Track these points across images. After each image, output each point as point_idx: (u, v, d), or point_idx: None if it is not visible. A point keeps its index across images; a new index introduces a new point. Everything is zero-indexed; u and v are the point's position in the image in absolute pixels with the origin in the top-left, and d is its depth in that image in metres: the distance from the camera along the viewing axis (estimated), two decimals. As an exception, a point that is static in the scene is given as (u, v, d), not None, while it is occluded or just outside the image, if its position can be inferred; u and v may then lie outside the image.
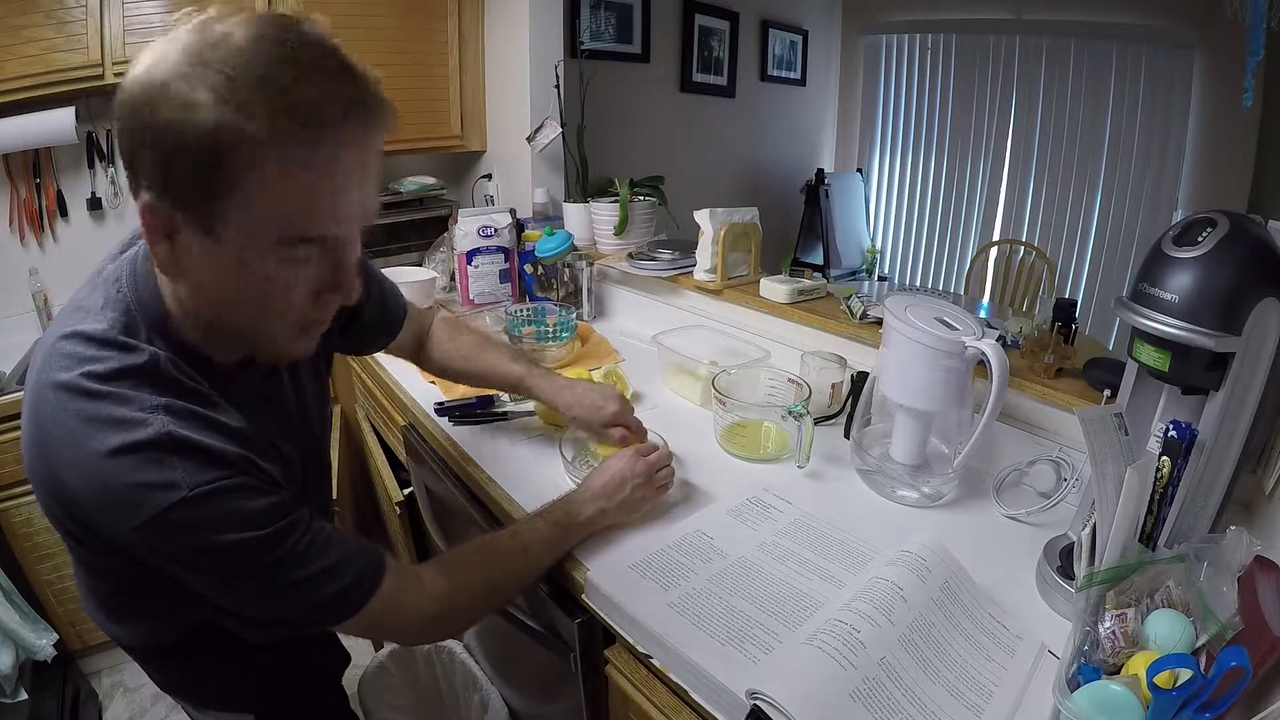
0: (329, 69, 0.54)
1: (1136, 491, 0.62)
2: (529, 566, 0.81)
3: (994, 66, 3.64)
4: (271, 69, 0.51)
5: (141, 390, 0.57)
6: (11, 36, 1.58)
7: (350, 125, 0.55)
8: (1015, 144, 3.65)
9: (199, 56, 0.51)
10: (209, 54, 0.51)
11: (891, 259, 4.31)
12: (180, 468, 0.55)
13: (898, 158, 4.17)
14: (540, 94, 2.06)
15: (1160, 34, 3.03)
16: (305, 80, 0.52)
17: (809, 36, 3.94)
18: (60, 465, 0.56)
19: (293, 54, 0.53)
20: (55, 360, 0.58)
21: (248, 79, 0.50)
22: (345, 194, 0.57)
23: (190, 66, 0.51)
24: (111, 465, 0.54)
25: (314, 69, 0.53)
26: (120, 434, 0.54)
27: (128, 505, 0.54)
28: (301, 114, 0.52)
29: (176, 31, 0.54)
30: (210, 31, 0.52)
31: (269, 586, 0.60)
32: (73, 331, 0.59)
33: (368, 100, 0.56)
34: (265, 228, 0.55)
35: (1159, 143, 3.13)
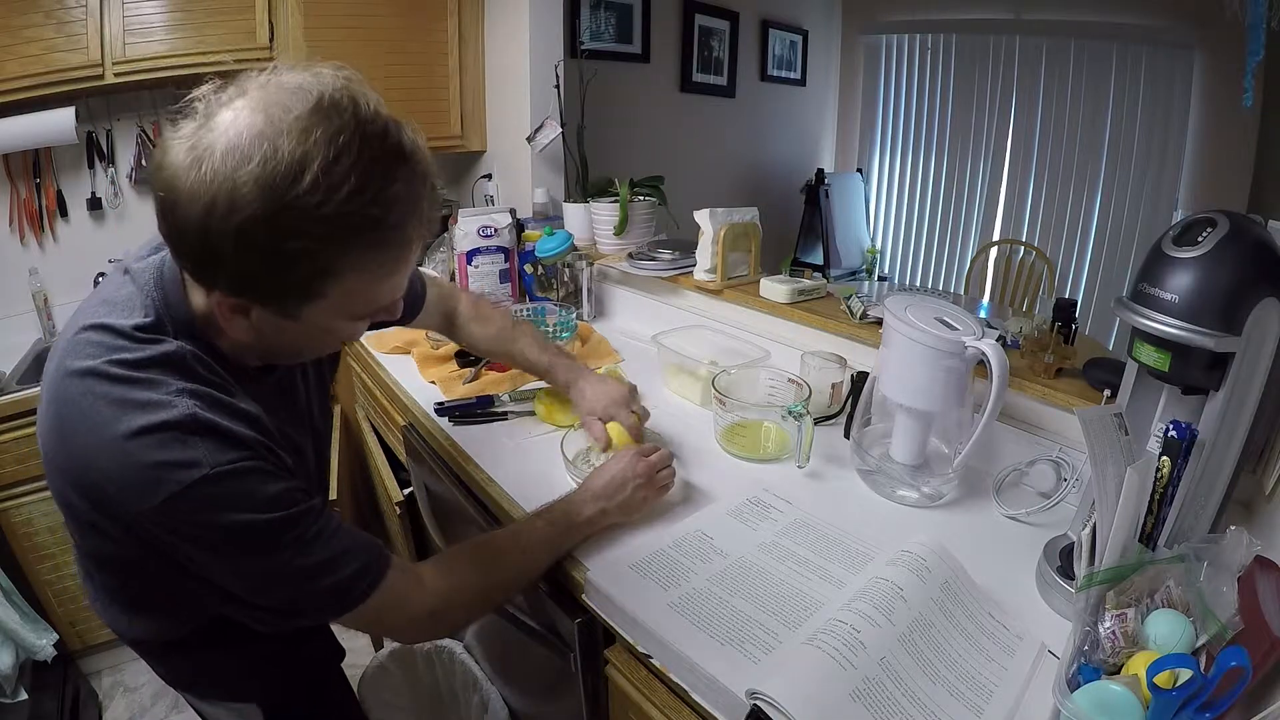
0: (392, 164, 0.55)
1: (1136, 491, 0.62)
2: (528, 566, 0.81)
3: (994, 66, 3.64)
4: (353, 194, 0.52)
5: (168, 376, 0.59)
6: (11, 36, 1.59)
7: (416, 220, 0.59)
8: (1015, 144, 3.64)
9: (279, 187, 0.50)
10: (285, 180, 0.50)
11: (891, 259, 4.31)
12: (203, 447, 0.57)
13: (898, 158, 4.17)
14: (540, 94, 2.06)
15: (1160, 34, 3.03)
16: (383, 192, 0.54)
17: (809, 36, 3.94)
18: (83, 446, 0.58)
19: (366, 162, 0.53)
20: (80, 349, 0.60)
21: (334, 214, 0.52)
22: (408, 271, 0.64)
23: (270, 197, 0.50)
24: (136, 444, 0.56)
25: (385, 172, 0.54)
26: (146, 415, 0.57)
27: (150, 482, 0.56)
28: (385, 231, 0.56)
29: (230, 116, 0.52)
30: (276, 142, 0.50)
31: (278, 570, 0.61)
32: (99, 323, 0.61)
33: (426, 184, 0.59)
34: (341, 313, 0.61)
35: (1159, 143, 3.13)
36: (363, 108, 0.55)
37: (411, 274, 1.01)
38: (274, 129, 0.51)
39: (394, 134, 0.56)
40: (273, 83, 0.54)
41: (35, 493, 1.61)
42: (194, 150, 0.51)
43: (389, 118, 0.57)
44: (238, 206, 0.50)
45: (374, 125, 0.55)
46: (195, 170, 0.51)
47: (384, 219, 0.55)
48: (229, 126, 0.51)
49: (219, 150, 0.51)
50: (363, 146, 0.53)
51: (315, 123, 0.52)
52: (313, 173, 0.50)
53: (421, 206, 0.58)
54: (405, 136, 0.57)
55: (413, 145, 0.58)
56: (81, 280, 1.94)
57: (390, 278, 0.61)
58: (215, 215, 0.51)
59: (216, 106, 0.53)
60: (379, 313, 0.65)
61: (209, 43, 1.79)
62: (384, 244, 0.57)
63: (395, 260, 0.59)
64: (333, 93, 0.54)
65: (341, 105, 0.54)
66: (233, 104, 0.53)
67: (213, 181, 0.50)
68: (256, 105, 0.52)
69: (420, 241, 0.61)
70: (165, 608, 0.74)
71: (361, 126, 0.53)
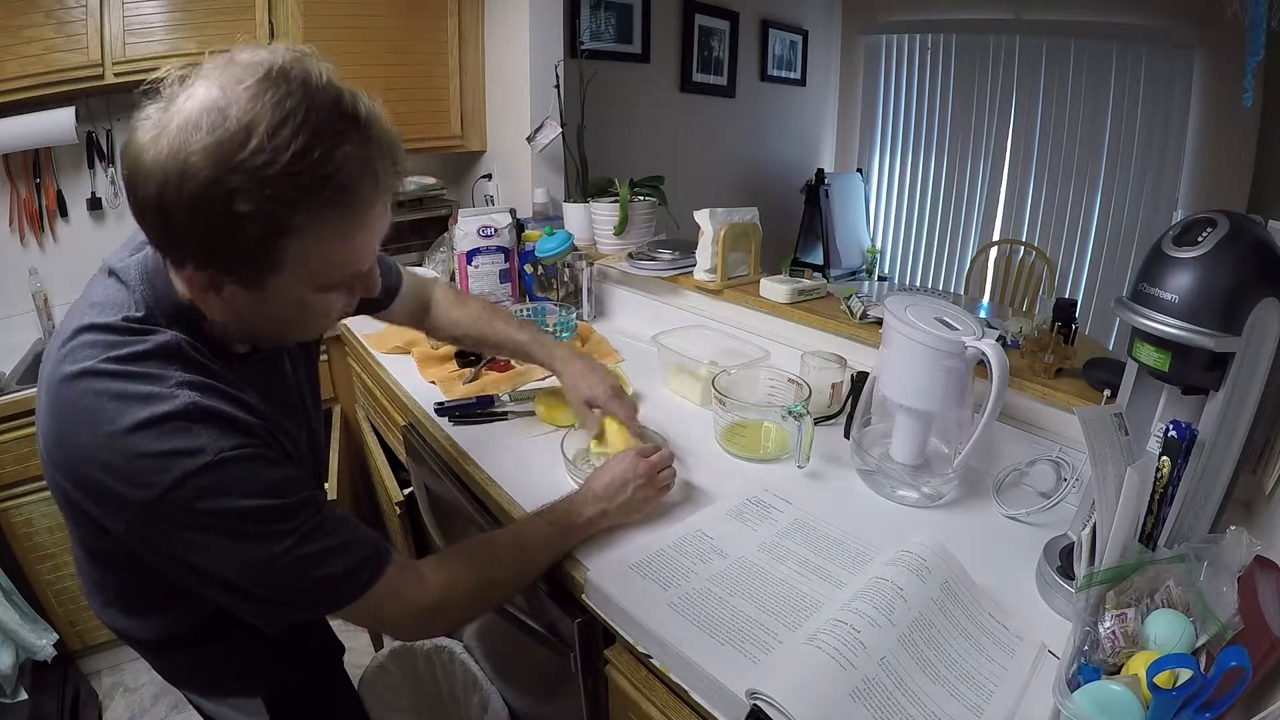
0: (342, 127, 0.56)
1: (1136, 491, 0.62)
2: (528, 566, 0.81)
3: (994, 66, 3.64)
4: (300, 154, 0.52)
5: (167, 368, 0.60)
6: (11, 36, 1.58)
7: (369, 182, 0.58)
8: (1015, 144, 3.64)
9: (225, 151, 0.51)
10: (232, 144, 0.51)
11: (891, 259, 4.31)
12: (206, 434, 0.58)
13: (898, 158, 4.17)
14: (540, 94, 2.06)
15: (1160, 34, 3.03)
16: (330, 153, 0.54)
17: (809, 36, 3.94)
18: (85, 444, 0.58)
19: (314, 124, 0.54)
20: (76, 353, 0.60)
21: (281, 173, 0.52)
22: (371, 238, 0.62)
23: (218, 161, 0.51)
24: (138, 437, 0.56)
25: (334, 134, 0.55)
26: (148, 407, 0.57)
27: (153, 470, 0.56)
28: (333, 191, 0.55)
29: (187, 95, 0.53)
30: (225, 110, 0.52)
31: (279, 558, 0.61)
32: (89, 324, 0.61)
33: (381, 148, 0.59)
34: (305, 282, 0.60)
35: (1159, 143, 3.13)
36: (313, 76, 0.56)
37: (386, 262, 1.03)
38: (224, 99, 0.52)
39: (347, 101, 0.57)
40: (231, 61, 0.55)
41: (35, 493, 1.61)
42: (154, 129, 0.53)
43: (343, 87, 0.57)
44: (189, 174, 0.51)
45: (324, 93, 0.55)
46: (153, 146, 0.52)
47: (332, 177, 0.55)
48: (185, 102, 0.53)
49: (174, 125, 0.52)
50: (310, 110, 0.54)
51: (263, 89, 0.53)
52: (259, 135, 0.51)
53: (375, 168, 0.58)
54: (361, 104, 0.58)
55: (368, 112, 0.58)
56: (82, 280, 1.88)
57: (347, 240, 0.60)
58: (169, 186, 0.52)
59: (178, 87, 0.54)
60: (349, 282, 0.64)
61: (209, 43, 1.79)
62: (335, 204, 0.56)
63: (350, 222, 0.59)
64: (283, 63, 0.55)
65: (291, 74, 0.55)
66: (192, 84, 0.54)
67: (168, 154, 0.52)
68: (212, 81, 0.54)
69: (379, 207, 0.61)
70: (164, 604, 0.75)
71: (311, 94, 0.54)
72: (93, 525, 0.63)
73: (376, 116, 0.59)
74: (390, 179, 0.61)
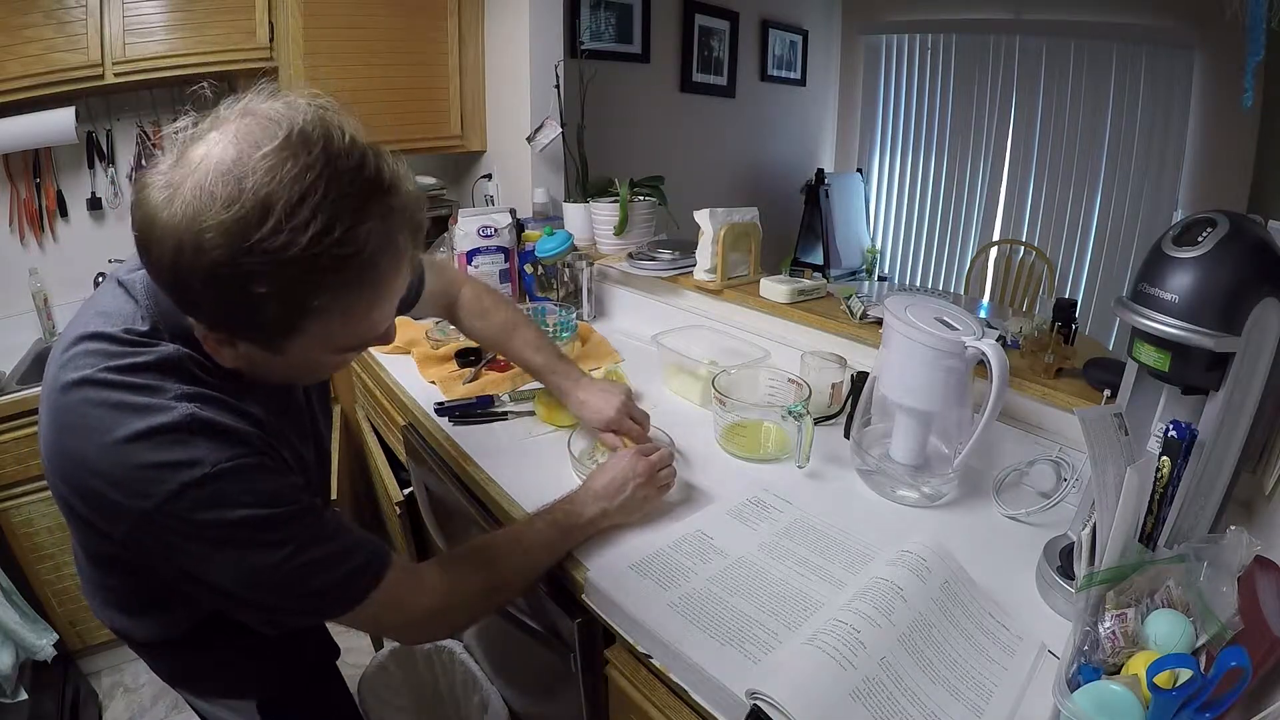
0: (365, 200, 0.53)
1: (1136, 491, 0.62)
2: (529, 566, 0.81)
3: (994, 66, 3.64)
4: (320, 234, 0.50)
5: (167, 381, 0.60)
6: (11, 36, 1.59)
7: (391, 257, 0.57)
8: (1015, 144, 3.64)
9: (241, 229, 0.49)
10: (248, 223, 0.49)
11: (891, 259, 4.31)
12: (203, 446, 0.57)
13: (898, 158, 4.17)
14: (540, 94, 2.06)
15: (1160, 34, 3.03)
16: (353, 232, 0.52)
17: (809, 36, 3.94)
18: (82, 452, 0.58)
19: (335, 199, 0.51)
20: (77, 361, 0.60)
21: (299, 256, 0.50)
22: (391, 306, 0.62)
23: (234, 240, 0.49)
24: (134, 447, 0.56)
25: (356, 209, 0.53)
26: (146, 419, 0.57)
27: (150, 482, 0.56)
28: (355, 271, 0.54)
29: (202, 150, 0.51)
30: (242, 181, 0.50)
31: (277, 566, 0.61)
32: (94, 333, 0.61)
33: (404, 217, 0.57)
34: (323, 347, 0.60)
35: (1159, 143, 3.13)
36: (335, 140, 0.53)
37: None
38: (240, 167, 0.50)
39: (370, 166, 0.54)
40: (246, 114, 0.53)
41: (35, 493, 1.61)
42: (167, 188, 0.51)
43: (366, 148, 0.55)
44: (203, 249, 0.50)
45: (346, 160, 0.53)
46: (167, 209, 0.50)
47: (354, 258, 0.53)
48: (199, 164, 0.51)
49: (188, 189, 0.50)
50: (330, 183, 0.51)
51: (282, 160, 0.50)
52: (276, 215, 0.49)
53: (396, 242, 0.56)
54: (385, 167, 0.56)
55: (392, 177, 0.56)
56: (81, 280, 1.94)
57: (370, 313, 0.59)
58: (184, 257, 0.50)
59: (190, 141, 0.52)
60: (367, 344, 0.64)
61: (209, 43, 1.79)
62: (356, 284, 0.55)
63: (372, 298, 0.58)
64: (304, 125, 0.52)
65: (311, 139, 0.52)
66: (206, 138, 0.52)
67: (180, 223, 0.50)
68: (228, 140, 0.51)
69: (401, 276, 0.60)
70: (162, 606, 0.75)
71: (332, 161, 0.52)
72: (92, 529, 0.63)
73: (400, 180, 0.57)
74: (411, 246, 0.59)
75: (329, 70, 1.95)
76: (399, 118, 2.13)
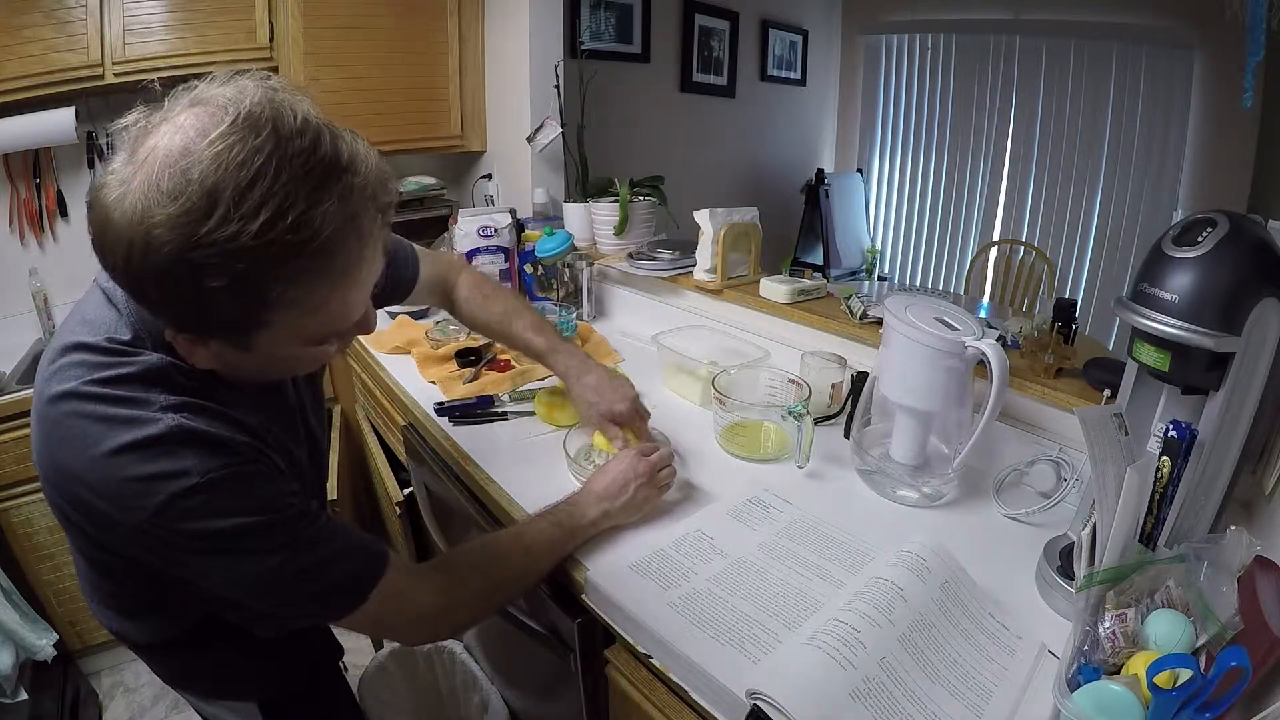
0: (320, 181, 0.51)
1: (1136, 491, 0.62)
2: (531, 568, 0.81)
3: (994, 66, 3.64)
4: (271, 221, 0.48)
5: (152, 392, 0.58)
6: (11, 36, 1.59)
7: (353, 239, 0.54)
8: (1015, 144, 3.64)
9: (189, 222, 0.47)
10: (196, 214, 0.47)
11: (891, 259, 4.31)
12: (191, 457, 0.56)
13: (898, 158, 4.17)
14: (540, 94, 2.06)
15: (1160, 34, 3.03)
16: (307, 216, 0.50)
17: (809, 36, 3.94)
18: (72, 465, 0.57)
19: (286, 182, 0.49)
20: (62, 373, 0.59)
21: (252, 245, 0.48)
22: (360, 291, 0.59)
23: (183, 235, 0.47)
24: (121, 460, 0.55)
25: (310, 191, 0.50)
26: (132, 431, 0.56)
27: (139, 494, 0.55)
28: (312, 257, 0.51)
29: (151, 143, 0.49)
30: (188, 171, 0.47)
31: (274, 573, 0.61)
32: (77, 343, 0.60)
33: (365, 195, 0.54)
34: (294, 339, 0.59)
35: (1159, 143, 3.13)
36: (285, 121, 0.50)
37: (402, 255, 1.00)
38: (187, 158, 0.48)
39: (325, 145, 0.52)
40: (196, 103, 0.51)
41: (35, 493, 1.61)
42: (120, 186, 0.49)
43: (321, 126, 0.52)
44: (152, 246, 0.48)
45: (298, 141, 0.50)
46: (118, 208, 0.48)
47: (310, 242, 0.50)
48: (148, 157, 0.49)
49: (136, 185, 0.48)
50: (280, 166, 0.49)
51: (229, 146, 0.48)
52: (224, 204, 0.47)
53: (359, 222, 0.54)
54: (343, 146, 0.53)
55: (350, 154, 0.53)
56: (81, 280, 1.90)
57: (336, 300, 0.57)
58: (134, 258, 0.49)
59: (142, 135, 0.50)
60: (342, 334, 0.62)
61: (209, 43, 1.79)
62: (316, 270, 0.53)
63: (334, 283, 0.55)
64: (250, 108, 0.50)
65: (259, 121, 0.49)
66: (156, 130, 0.50)
67: (131, 219, 0.48)
68: (175, 130, 0.49)
69: (367, 258, 0.57)
70: (161, 608, 0.74)
71: (282, 144, 0.49)
72: (87, 537, 0.63)
73: (359, 157, 0.54)
74: (378, 227, 0.57)
75: (329, 70, 1.95)
76: (399, 118, 2.13)
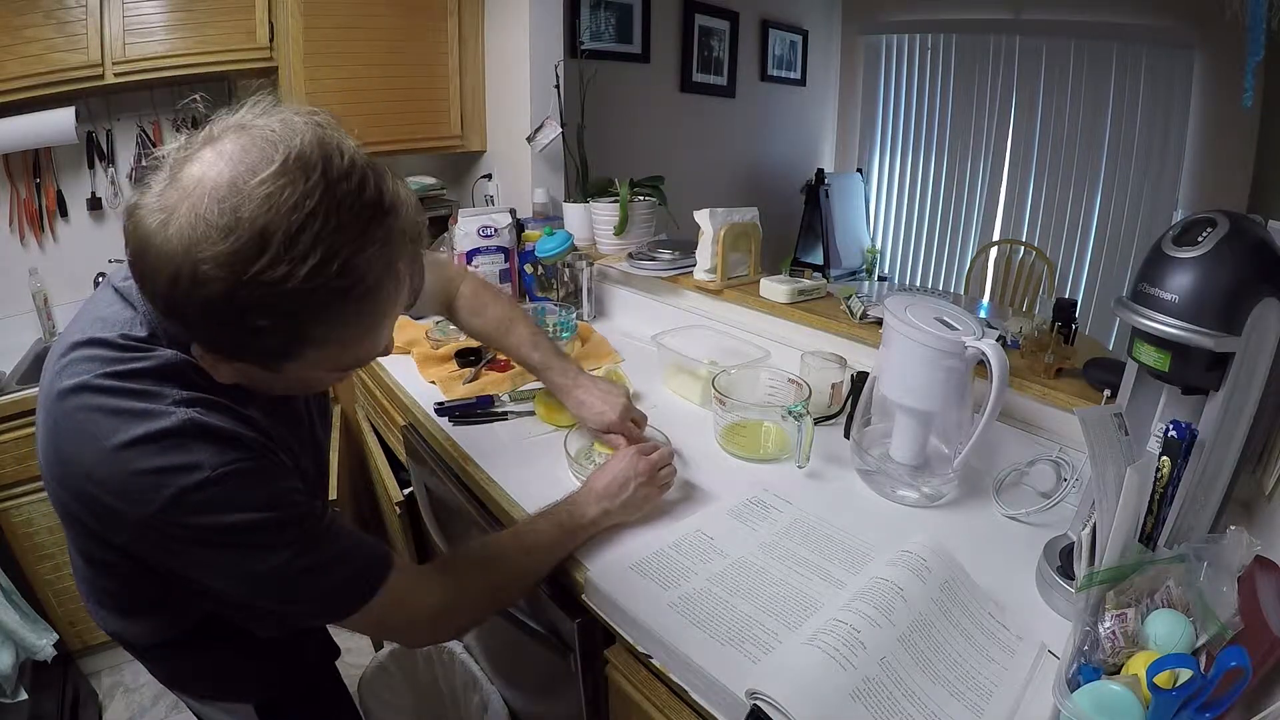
0: (365, 226, 0.52)
1: (1136, 491, 0.62)
2: (532, 568, 0.81)
3: (994, 66, 3.64)
4: (320, 265, 0.49)
5: (165, 386, 0.59)
6: (11, 36, 1.59)
7: (392, 283, 0.56)
8: (1015, 144, 3.65)
9: (239, 260, 0.48)
10: (247, 254, 0.48)
11: (891, 259, 4.31)
12: (203, 451, 0.57)
13: (898, 158, 4.17)
14: (540, 94, 2.06)
15: (1160, 34, 3.03)
16: (353, 261, 0.51)
17: (809, 36, 3.94)
18: (81, 459, 0.57)
19: (335, 227, 0.50)
20: (73, 367, 0.59)
21: (299, 288, 0.49)
22: (391, 326, 0.62)
23: (232, 272, 0.48)
24: (132, 453, 0.56)
25: (356, 236, 0.52)
26: (144, 424, 0.56)
27: (149, 488, 0.55)
28: (355, 301, 0.54)
29: (196, 170, 0.49)
30: (238, 209, 0.48)
31: (279, 571, 0.61)
32: (88, 339, 0.60)
33: (405, 240, 0.56)
34: (323, 367, 0.60)
35: (1159, 143, 3.13)
36: (334, 164, 0.51)
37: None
38: (236, 194, 0.48)
39: (370, 188, 0.53)
40: (242, 131, 0.51)
41: (35, 493, 1.61)
42: (161, 212, 0.49)
43: (366, 168, 0.53)
44: (200, 281, 0.48)
45: (346, 184, 0.51)
46: (161, 234, 0.49)
47: (354, 288, 0.53)
48: (195, 186, 0.49)
49: (183, 215, 0.48)
50: (330, 211, 0.50)
51: (280, 188, 0.49)
52: (274, 247, 0.48)
53: (397, 268, 0.56)
54: (386, 188, 0.54)
55: (393, 198, 0.55)
56: (81, 280, 1.94)
57: (368, 338, 0.59)
58: (180, 288, 0.49)
59: (184, 161, 0.51)
60: (366, 363, 0.65)
61: (209, 43, 1.79)
62: (356, 313, 0.55)
63: (370, 323, 0.58)
64: (301, 148, 0.50)
65: (310, 163, 0.50)
66: (199, 156, 0.50)
67: (177, 251, 0.48)
68: (223, 161, 0.50)
69: (401, 299, 0.59)
70: (159, 609, 0.74)
71: (331, 188, 0.50)
72: (92, 534, 0.63)
73: (400, 200, 0.56)
74: (408, 264, 0.59)
75: (329, 70, 1.95)
76: (399, 118, 2.13)
